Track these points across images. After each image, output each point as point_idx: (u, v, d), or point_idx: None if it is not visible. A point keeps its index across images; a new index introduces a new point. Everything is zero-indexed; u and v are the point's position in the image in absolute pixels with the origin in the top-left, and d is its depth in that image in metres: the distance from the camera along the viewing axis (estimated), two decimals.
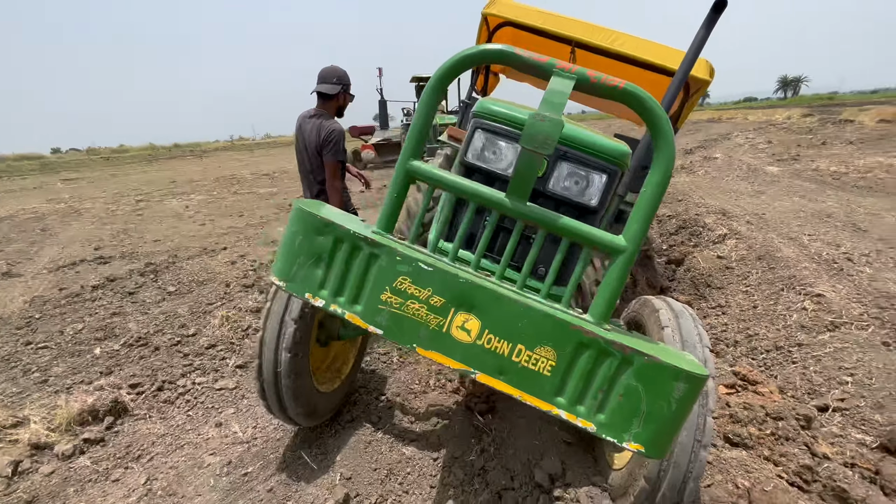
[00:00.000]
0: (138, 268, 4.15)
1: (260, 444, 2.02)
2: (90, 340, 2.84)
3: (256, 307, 3.19)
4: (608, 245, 1.01)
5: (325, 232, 1.07)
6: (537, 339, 0.97)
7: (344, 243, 1.06)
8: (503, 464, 1.93)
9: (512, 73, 4.64)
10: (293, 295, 1.11)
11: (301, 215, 1.09)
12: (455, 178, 1.14)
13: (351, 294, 1.07)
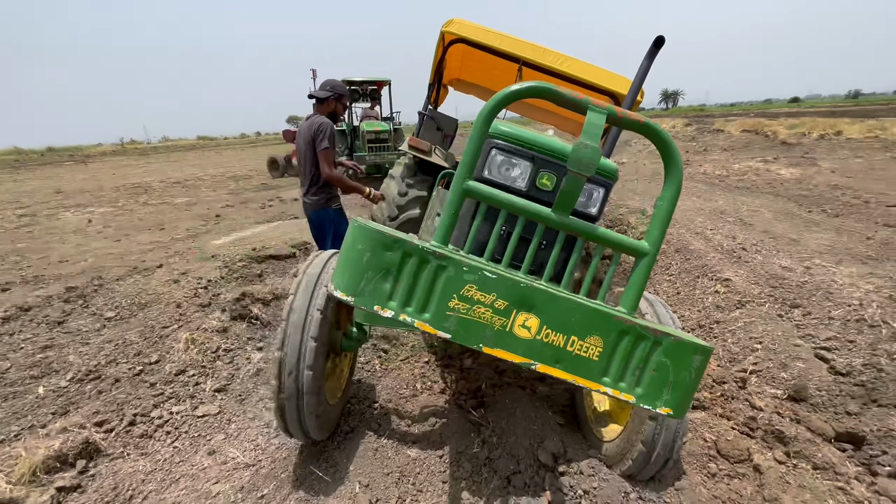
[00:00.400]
0: (57, 293, 3.66)
1: (267, 465, 1.97)
2: (25, 380, 2.49)
3: (223, 327, 3.02)
4: (636, 249, 1.24)
5: (394, 248, 1.15)
6: (587, 330, 1.16)
7: (412, 257, 1.16)
8: (507, 451, 2.10)
9: (459, 86, 4.88)
10: (361, 308, 1.17)
11: (368, 233, 1.16)
12: (510, 198, 1.29)
13: (419, 303, 1.16)
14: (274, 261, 4.47)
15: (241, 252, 4.81)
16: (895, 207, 5.65)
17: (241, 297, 3.30)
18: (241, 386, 2.56)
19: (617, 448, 1.91)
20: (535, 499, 1.88)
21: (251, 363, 2.75)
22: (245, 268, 4.24)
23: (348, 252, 1.19)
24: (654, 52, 2.48)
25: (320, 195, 3.01)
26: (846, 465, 1.85)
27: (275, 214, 7.60)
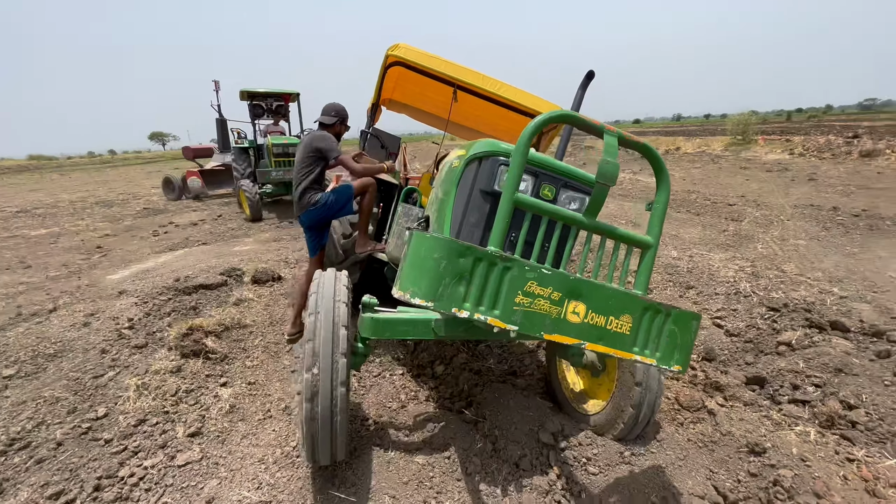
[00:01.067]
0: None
1: (284, 497, 1.88)
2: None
3: (176, 367, 2.70)
4: (644, 242, 1.55)
5: (467, 254, 1.28)
6: (621, 310, 1.42)
7: (482, 262, 1.30)
8: (510, 439, 2.29)
9: (392, 105, 5.03)
10: (442, 312, 1.27)
11: (442, 243, 1.27)
12: (553, 207, 1.50)
13: (490, 302, 1.31)
14: (206, 290, 4.06)
15: (157, 284, 4.27)
16: (734, 206, 7.23)
17: (188, 331, 2.97)
18: (217, 426, 2.35)
19: (606, 417, 2.23)
20: (545, 475, 2.10)
21: (221, 400, 2.53)
22: (173, 301, 3.78)
23: (423, 261, 1.28)
24: (585, 83, 2.96)
25: (304, 197, 3.14)
26: (761, 400, 2.42)
27: (177, 242, 6.81)
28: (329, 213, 3.21)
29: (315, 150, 3.09)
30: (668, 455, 2.04)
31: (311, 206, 3.13)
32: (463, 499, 2.01)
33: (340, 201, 3.22)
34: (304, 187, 3.12)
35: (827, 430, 2.11)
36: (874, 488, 1.66)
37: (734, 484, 1.86)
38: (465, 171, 2.07)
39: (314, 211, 3.16)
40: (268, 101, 9.96)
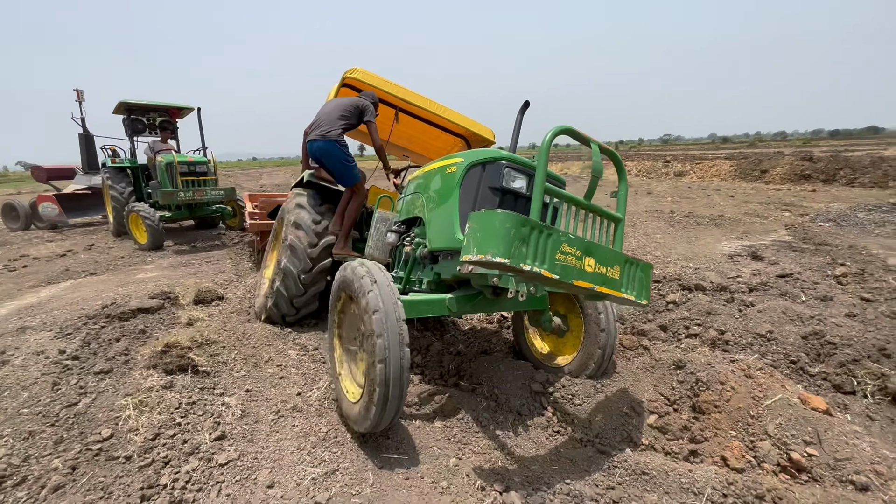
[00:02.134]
0: None
1: (348, 464, 2.06)
2: None
3: (168, 383, 2.56)
4: (616, 217, 2.22)
5: (526, 224, 1.77)
6: (613, 262, 2.04)
7: (535, 230, 1.79)
8: (508, 394, 2.78)
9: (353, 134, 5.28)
10: (519, 266, 1.71)
11: (511, 216, 1.73)
12: (569, 193, 2.06)
13: (540, 259, 1.80)
14: (145, 314, 3.70)
15: (71, 316, 3.75)
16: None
17: (166, 349, 2.80)
18: (238, 429, 2.36)
19: (578, 364, 2.87)
20: (542, 415, 2.64)
21: (230, 407, 2.51)
22: (111, 327, 3.40)
23: (497, 230, 1.72)
24: (522, 110, 3.70)
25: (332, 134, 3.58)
26: (670, 338, 3.34)
27: (52, 275, 5.79)
28: (330, 158, 3.62)
29: (355, 108, 3.61)
30: (626, 381, 2.75)
31: (336, 143, 3.55)
32: (486, 444, 2.42)
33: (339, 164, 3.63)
34: (338, 131, 3.55)
35: (714, 348, 3.07)
36: (749, 374, 2.57)
37: (671, 389, 2.64)
38: (468, 175, 2.54)
39: (335, 149, 3.57)
40: (149, 116, 8.97)
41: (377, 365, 1.96)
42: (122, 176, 8.48)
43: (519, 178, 2.46)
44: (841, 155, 16.31)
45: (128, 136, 8.89)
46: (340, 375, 2.52)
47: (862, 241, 5.13)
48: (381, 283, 2.11)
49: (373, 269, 2.20)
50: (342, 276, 2.36)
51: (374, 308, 2.04)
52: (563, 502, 1.96)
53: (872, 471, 1.92)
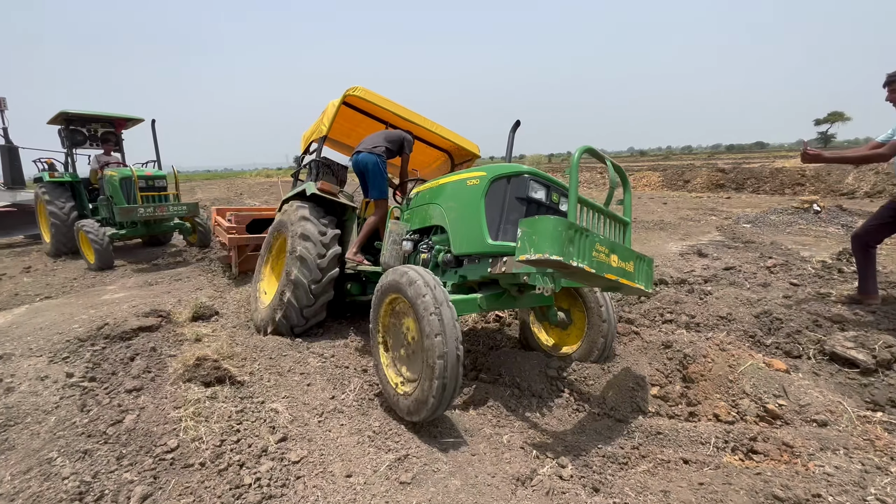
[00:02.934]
0: None
1: (416, 449, 2.26)
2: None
3: (212, 394, 2.58)
4: (625, 221, 2.65)
5: (573, 227, 2.12)
6: (629, 258, 2.46)
7: (579, 232, 2.16)
8: (529, 381, 3.11)
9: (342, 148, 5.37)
10: (569, 262, 2.05)
11: (564, 221, 2.07)
12: (592, 200, 2.44)
13: (582, 256, 2.16)
14: (147, 333, 3.57)
15: (59, 340, 3.53)
16: None
17: (198, 361, 2.80)
18: (295, 431, 2.45)
19: (582, 352, 3.28)
20: (561, 396, 3.01)
21: (280, 413, 2.60)
22: (118, 347, 3.27)
23: (552, 233, 2.06)
24: (514, 128, 4.13)
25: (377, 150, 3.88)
26: (652, 324, 3.88)
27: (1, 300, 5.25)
28: (374, 170, 3.82)
29: (399, 139, 3.97)
30: (626, 362, 3.20)
31: (380, 158, 3.79)
32: (520, 424, 2.73)
33: (379, 178, 3.85)
34: (382, 149, 3.85)
35: (690, 330, 3.64)
36: (723, 347, 3.12)
37: (663, 365, 3.13)
38: (492, 187, 2.87)
39: (379, 163, 3.79)
40: (90, 127, 8.33)
41: (437, 361, 2.20)
42: (61, 191, 7.79)
43: (541, 189, 2.83)
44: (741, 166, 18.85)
45: (65, 148, 8.22)
46: (388, 372, 2.71)
47: (778, 239, 6.16)
48: (434, 287, 2.36)
49: (424, 274, 2.44)
50: (392, 280, 2.57)
51: (432, 310, 2.27)
52: (602, 462, 2.31)
53: (827, 411, 2.49)
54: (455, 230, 3.05)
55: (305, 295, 3.76)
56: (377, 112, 4.55)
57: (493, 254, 2.81)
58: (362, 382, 3.12)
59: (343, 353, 3.68)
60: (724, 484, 1.96)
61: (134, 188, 7.09)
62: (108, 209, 7.69)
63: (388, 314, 2.76)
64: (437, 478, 2.03)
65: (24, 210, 9.12)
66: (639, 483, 2.06)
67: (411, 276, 2.44)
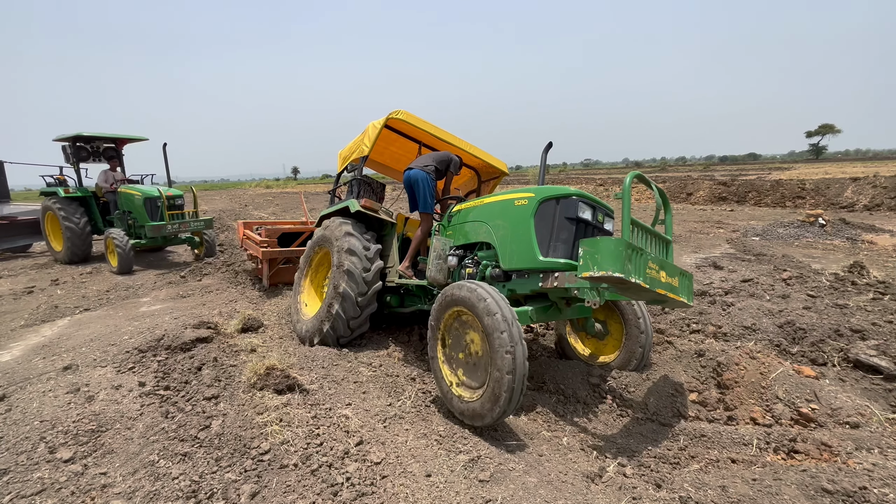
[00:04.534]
0: None
1: (487, 450, 2.44)
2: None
3: (286, 402, 2.75)
4: (668, 240, 2.88)
5: (631, 247, 2.35)
6: (674, 274, 2.68)
7: (635, 251, 2.38)
8: (573, 388, 3.31)
9: (375, 166, 5.60)
10: (629, 279, 2.26)
11: (624, 242, 2.29)
12: (636, 220, 2.67)
13: (638, 272, 2.39)
14: (204, 343, 3.75)
15: (119, 351, 3.70)
16: None
17: (268, 371, 2.98)
18: (366, 435, 2.63)
19: (621, 360, 3.49)
20: (604, 402, 3.21)
21: (350, 418, 2.77)
22: (180, 358, 3.44)
23: (614, 252, 2.28)
24: (546, 149, 4.37)
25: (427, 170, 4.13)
26: (682, 336, 4.09)
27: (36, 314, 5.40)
28: (424, 185, 4.03)
29: (447, 160, 4.24)
30: (663, 370, 3.41)
31: (429, 176, 4.05)
32: (570, 428, 2.93)
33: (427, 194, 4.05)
34: (431, 168, 4.11)
35: (718, 339, 3.86)
36: (753, 355, 3.34)
37: (698, 372, 3.34)
38: (541, 207, 3.09)
39: (427, 180, 4.02)
40: (93, 144, 8.76)
41: (506, 375, 2.39)
42: (75, 205, 8.15)
43: (588, 210, 3.06)
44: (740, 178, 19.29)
45: (72, 163, 8.68)
46: (443, 368, 2.90)
47: (788, 251, 6.42)
48: (503, 305, 2.55)
49: (492, 292, 2.63)
50: (460, 295, 2.75)
51: (502, 328, 2.46)
52: (656, 463, 2.51)
53: (858, 414, 2.70)
54: (504, 247, 3.27)
55: (352, 307, 3.95)
56: (413, 133, 4.80)
57: (542, 269, 3.03)
58: (416, 391, 3.30)
59: (388, 362, 3.87)
60: (775, 479, 2.16)
61: (163, 208, 7.48)
62: (124, 222, 8.17)
63: (451, 318, 2.94)
64: (514, 476, 2.22)
65: (16, 223, 9.46)
66: (696, 479, 2.25)
67: (480, 293, 2.62)
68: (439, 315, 2.96)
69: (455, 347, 2.93)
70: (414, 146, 5.15)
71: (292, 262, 6.31)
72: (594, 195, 3.22)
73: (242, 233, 6.91)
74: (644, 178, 2.70)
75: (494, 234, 3.37)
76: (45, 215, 8.60)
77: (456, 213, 3.97)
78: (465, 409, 2.70)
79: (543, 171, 4.35)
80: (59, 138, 8.38)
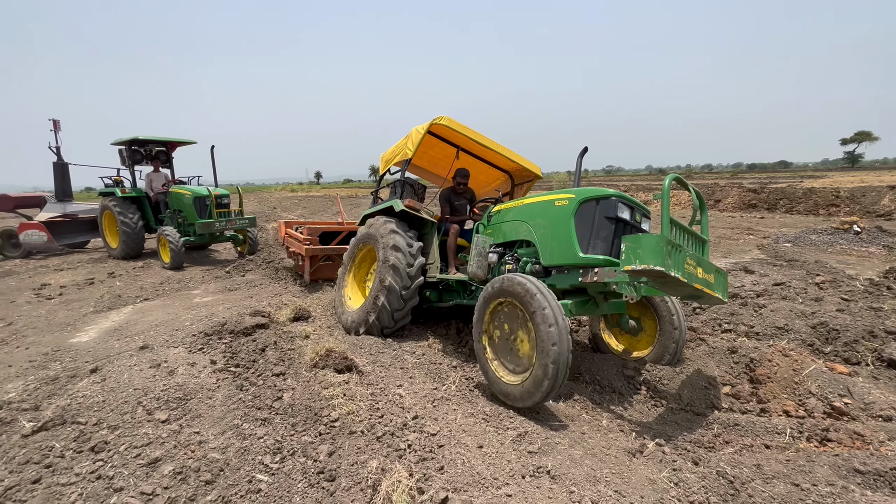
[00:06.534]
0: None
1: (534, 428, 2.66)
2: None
3: (345, 380, 3.03)
4: (704, 239, 3.05)
5: (671, 243, 2.54)
6: (710, 271, 2.85)
7: (675, 247, 2.57)
8: (608, 379, 3.49)
9: (414, 169, 5.90)
10: (669, 272, 2.46)
11: (665, 238, 2.48)
12: (673, 219, 2.86)
13: (677, 267, 2.57)
14: (262, 329, 4.08)
15: (187, 334, 4.06)
16: None
17: (327, 353, 3.28)
18: (419, 412, 2.88)
19: (655, 355, 3.64)
20: (638, 393, 3.38)
21: (404, 397, 3.03)
22: (244, 340, 3.78)
23: (655, 247, 2.48)
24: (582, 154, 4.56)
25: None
26: (714, 334, 4.21)
27: (102, 302, 5.88)
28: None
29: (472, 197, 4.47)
30: (696, 365, 3.56)
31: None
32: (607, 414, 3.11)
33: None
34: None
35: (750, 338, 3.97)
36: (786, 353, 3.45)
37: (730, 368, 3.47)
38: (581, 207, 3.30)
39: None
40: (147, 148, 9.39)
41: (551, 365, 2.60)
42: (130, 205, 8.74)
43: (626, 210, 3.26)
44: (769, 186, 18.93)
45: (127, 166, 9.29)
46: (493, 365, 3.12)
47: (822, 258, 6.42)
48: (551, 301, 2.76)
49: (542, 287, 2.84)
50: (507, 287, 2.97)
51: (551, 322, 2.67)
52: (690, 447, 2.67)
53: (891, 408, 2.80)
54: (545, 244, 3.48)
55: (397, 299, 4.22)
56: (453, 137, 5.07)
57: (582, 265, 3.23)
58: (459, 377, 3.53)
59: (430, 352, 4.12)
60: (808, 461, 2.30)
61: (211, 206, 7.97)
62: (174, 221, 8.68)
63: (495, 311, 3.17)
64: (560, 448, 2.42)
65: (77, 220, 10.12)
66: (732, 459, 2.41)
67: (530, 288, 2.83)
68: (486, 304, 3.18)
69: (500, 335, 3.15)
70: (451, 150, 5.42)
71: (332, 260, 6.65)
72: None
73: (284, 231, 7.30)
74: (682, 181, 2.89)
75: (535, 233, 3.59)
76: (102, 214, 9.24)
77: (495, 214, 4.21)
78: (509, 392, 2.92)
79: (579, 174, 4.55)
80: (117, 142, 9.02)
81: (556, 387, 2.65)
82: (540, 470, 2.22)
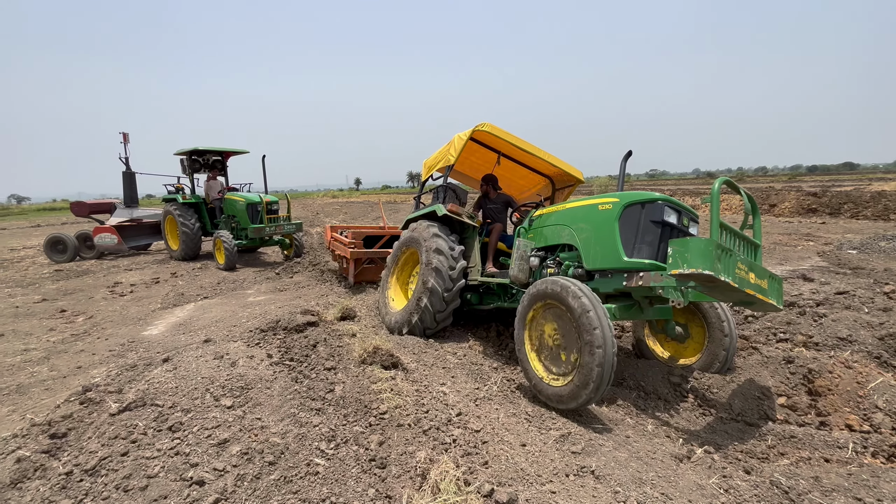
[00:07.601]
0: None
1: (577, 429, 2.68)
2: None
3: (391, 376, 3.18)
4: (756, 243, 2.96)
5: (721, 248, 2.50)
6: (763, 276, 2.77)
7: (725, 251, 2.52)
8: (654, 385, 3.43)
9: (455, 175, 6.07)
10: (718, 277, 2.42)
11: (714, 242, 2.45)
12: (732, 227, 2.80)
13: (727, 271, 2.52)
14: (312, 327, 4.32)
15: (244, 329, 4.35)
16: None
17: (374, 350, 3.44)
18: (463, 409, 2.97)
19: (703, 363, 3.54)
20: (685, 401, 3.30)
21: (447, 394, 3.13)
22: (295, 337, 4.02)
23: (704, 251, 2.45)
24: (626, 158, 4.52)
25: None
26: (768, 344, 4.03)
27: (167, 299, 6.38)
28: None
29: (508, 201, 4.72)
30: (748, 374, 3.43)
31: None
32: (653, 420, 3.06)
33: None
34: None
35: (809, 349, 3.78)
36: (849, 365, 3.26)
37: (786, 378, 3.32)
38: (626, 211, 3.29)
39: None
40: (205, 157, 10.12)
41: (596, 368, 2.61)
42: (189, 210, 9.42)
43: (673, 214, 3.22)
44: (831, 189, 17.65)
45: (187, 174, 10.00)
46: (536, 366, 3.16)
47: (893, 266, 5.96)
48: (597, 304, 2.77)
49: (587, 291, 2.85)
50: (551, 289, 3.00)
51: (595, 325, 2.68)
52: (742, 456, 2.60)
53: None
54: (588, 248, 3.49)
55: (439, 301, 4.34)
56: (495, 143, 5.15)
57: (627, 269, 3.22)
58: (500, 378, 3.59)
59: (471, 353, 4.20)
60: (873, 476, 2.19)
61: (262, 212, 8.51)
62: (228, 225, 9.29)
63: (541, 310, 3.20)
64: (604, 450, 2.43)
65: (142, 224, 11.00)
66: (787, 470, 2.33)
67: (575, 291, 2.85)
68: (529, 306, 3.23)
69: (542, 337, 3.19)
70: (492, 156, 5.50)
71: (375, 263, 6.89)
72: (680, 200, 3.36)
73: (330, 235, 7.64)
74: (733, 184, 2.83)
75: (577, 237, 3.60)
76: (165, 218, 10.04)
77: (537, 218, 4.25)
78: (552, 394, 2.95)
79: (623, 178, 4.51)
80: (179, 152, 9.80)
81: (601, 390, 2.66)
82: (584, 469, 2.24)
